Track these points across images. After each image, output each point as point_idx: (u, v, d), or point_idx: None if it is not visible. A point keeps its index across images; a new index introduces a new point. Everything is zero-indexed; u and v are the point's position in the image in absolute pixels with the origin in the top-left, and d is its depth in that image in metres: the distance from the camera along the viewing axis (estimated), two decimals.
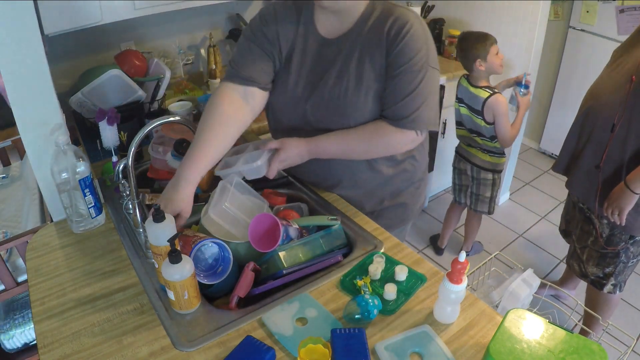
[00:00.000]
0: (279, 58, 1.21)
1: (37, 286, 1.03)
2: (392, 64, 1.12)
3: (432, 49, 1.14)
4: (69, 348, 0.88)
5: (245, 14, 2.27)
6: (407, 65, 1.10)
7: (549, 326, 0.80)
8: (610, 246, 1.70)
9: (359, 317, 0.89)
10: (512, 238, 2.77)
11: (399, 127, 1.15)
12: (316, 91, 1.19)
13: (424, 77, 1.12)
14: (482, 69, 2.05)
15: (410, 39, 1.09)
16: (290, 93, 1.22)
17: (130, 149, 1.01)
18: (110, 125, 1.36)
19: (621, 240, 1.67)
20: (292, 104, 1.23)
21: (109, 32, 1.93)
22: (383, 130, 1.16)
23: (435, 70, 1.16)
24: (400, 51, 1.10)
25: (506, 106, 2.05)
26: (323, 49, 1.19)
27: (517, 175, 3.26)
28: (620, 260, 1.72)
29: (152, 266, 1.06)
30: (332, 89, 1.17)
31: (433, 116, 1.17)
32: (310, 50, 1.20)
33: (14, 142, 2.09)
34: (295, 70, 1.21)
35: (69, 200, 1.16)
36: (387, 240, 1.14)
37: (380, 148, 1.20)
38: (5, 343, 1.43)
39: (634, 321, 2.19)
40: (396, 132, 1.16)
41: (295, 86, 1.21)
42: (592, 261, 1.79)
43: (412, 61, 1.10)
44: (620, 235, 1.66)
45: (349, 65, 1.15)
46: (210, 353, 0.86)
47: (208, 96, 1.84)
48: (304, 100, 1.21)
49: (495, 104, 2.04)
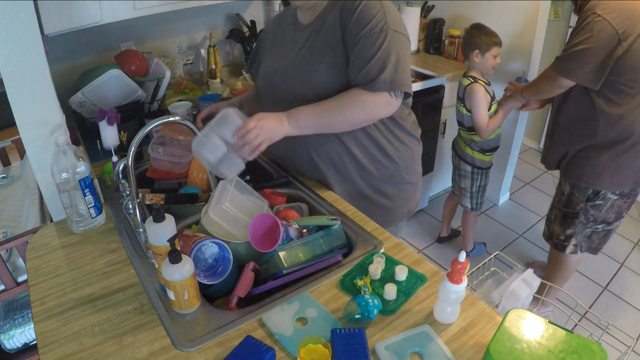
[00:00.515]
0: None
1: (37, 286, 1.03)
2: (351, 33, 1.17)
3: (392, 15, 1.18)
4: (69, 348, 0.88)
5: (245, 14, 2.27)
6: (365, 30, 1.15)
7: (549, 326, 0.80)
8: (570, 205, 1.91)
9: (359, 317, 0.89)
10: (512, 238, 2.77)
11: (371, 90, 1.17)
12: (282, 63, 1.31)
13: (385, 39, 1.15)
14: (476, 60, 2.11)
15: (364, 7, 1.16)
16: (263, 71, 1.39)
17: (130, 149, 1.01)
18: (110, 125, 1.36)
19: (580, 201, 1.87)
20: (265, 81, 1.38)
21: (109, 32, 1.93)
22: (356, 95, 1.18)
23: (399, 34, 1.18)
24: (356, 19, 1.16)
25: (482, 96, 2.10)
26: (297, 33, 1.31)
27: (517, 175, 3.26)
28: (579, 221, 1.91)
29: (152, 266, 1.06)
30: (292, 59, 1.28)
31: (404, 78, 1.19)
32: (287, 36, 1.34)
33: (14, 142, 2.09)
34: (270, 51, 1.39)
35: (69, 200, 1.16)
36: (387, 240, 1.14)
37: (358, 112, 1.20)
38: (5, 343, 1.43)
39: (634, 321, 2.19)
40: (369, 95, 1.18)
41: (269, 64, 1.37)
42: (557, 221, 2.00)
43: (370, 25, 1.15)
44: (579, 195, 1.87)
45: (309, 40, 1.26)
46: (210, 353, 0.86)
47: (208, 96, 1.84)
48: (273, 72, 1.34)
49: (471, 92, 2.10)
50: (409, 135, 1.40)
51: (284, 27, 1.37)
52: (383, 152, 1.35)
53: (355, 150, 1.32)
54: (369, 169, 1.35)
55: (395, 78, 1.17)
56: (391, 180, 1.39)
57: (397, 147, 1.37)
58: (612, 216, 1.88)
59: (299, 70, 1.27)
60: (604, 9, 1.58)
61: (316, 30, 1.25)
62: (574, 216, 1.92)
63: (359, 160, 1.33)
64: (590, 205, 1.86)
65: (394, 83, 1.17)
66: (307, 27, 1.28)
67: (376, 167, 1.36)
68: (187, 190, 1.30)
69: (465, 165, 2.34)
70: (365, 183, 1.38)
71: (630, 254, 2.64)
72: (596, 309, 2.24)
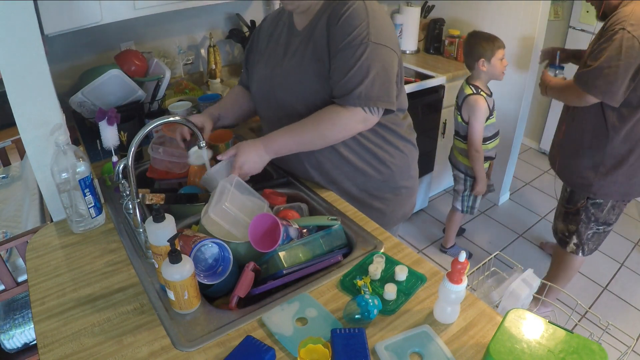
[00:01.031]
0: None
1: (37, 286, 1.03)
2: (334, 41, 1.15)
3: (378, 25, 1.13)
4: (69, 348, 0.88)
5: (245, 14, 2.27)
6: (346, 41, 1.12)
7: (549, 326, 0.80)
8: (571, 203, 1.96)
9: (359, 317, 0.89)
10: (512, 238, 2.77)
11: (345, 105, 1.15)
12: (274, 69, 1.30)
13: (364, 52, 1.12)
14: (483, 69, 2.05)
15: (349, 16, 1.12)
16: (258, 75, 1.36)
17: (130, 149, 1.01)
18: (110, 125, 1.36)
19: (580, 199, 1.91)
20: (258, 85, 1.36)
21: (109, 32, 1.93)
22: (331, 111, 1.17)
23: (382, 46, 1.14)
24: (339, 28, 1.13)
25: (483, 111, 2.06)
26: (291, 38, 1.28)
27: (517, 175, 3.26)
28: (580, 219, 1.94)
29: (152, 266, 1.06)
30: (284, 66, 1.27)
31: (382, 93, 1.15)
32: (281, 39, 1.31)
33: (14, 142, 2.09)
34: (264, 53, 1.36)
35: (69, 200, 1.16)
36: (387, 240, 1.14)
37: (332, 130, 1.18)
38: (5, 343, 1.43)
39: (634, 321, 2.19)
40: (344, 111, 1.16)
41: (262, 67, 1.35)
42: (560, 217, 2.05)
43: (351, 36, 1.12)
44: (578, 195, 1.91)
45: (299, 48, 1.24)
46: (210, 353, 0.86)
47: (208, 96, 1.84)
48: (266, 78, 1.32)
49: (474, 104, 2.06)
50: (403, 140, 1.37)
51: (280, 28, 1.34)
52: (376, 159, 1.33)
53: (348, 156, 1.30)
54: (362, 174, 1.34)
55: (370, 93, 1.13)
56: (385, 185, 1.38)
57: (391, 153, 1.35)
58: (613, 218, 1.90)
59: (289, 80, 1.25)
60: (633, 25, 1.54)
61: (307, 38, 1.23)
62: (575, 213, 1.95)
63: (351, 166, 1.32)
64: (590, 204, 1.89)
65: (368, 98, 1.14)
66: (300, 33, 1.26)
67: (369, 173, 1.34)
68: (187, 190, 1.30)
69: (458, 171, 2.35)
70: (358, 187, 1.36)
71: (630, 254, 2.64)
72: (596, 309, 2.24)
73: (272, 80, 1.30)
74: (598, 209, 1.89)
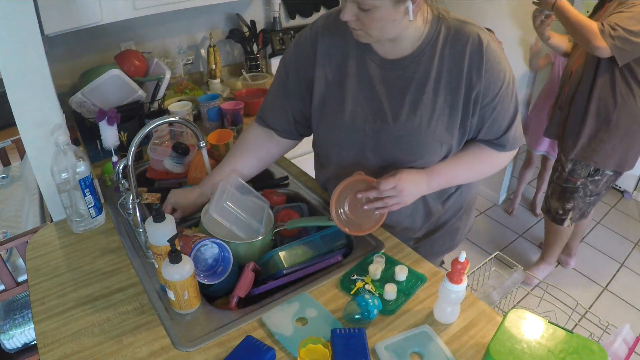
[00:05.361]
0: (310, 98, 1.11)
1: (37, 286, 1.03)
2: (483, 95, 0.98)
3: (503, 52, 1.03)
4: (69, 348, 0.88)
5: (245, 14, 2.27)
6: (500, 94, 0.99)
7: (549, 326, 0.80)
8: (571, 180, 2.02)
9: (359, 317, 0.89)
10: (512, 238, 2.77)
11: (503, 151, 1.11)
12: (386, 125, 1.02)
13: (514, 91, 1.02)
14: None
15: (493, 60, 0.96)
16: (347, 126, 1.05)
17: (130, 149, 1.01)
18: (110, 125, 1.36)
19: (581, 176, 1.99)
20: (348, 137, 1.07)
21: (109, 32, 1.93)
22: (490, 155, 1.11)
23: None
24: (488, 80, 0.97)
25: None
26: (384, 72, 1.02)
27: (517, 175, 3.25)
28: (578, 195, 2.04)
29: (152, 266, 1.06)
30: (405, 124, 1.01)
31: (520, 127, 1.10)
32: (367, 75, 1.03)
33: (14, 142, 2.09)
34: (352, 97, 1.04)
35: (69, 200, 1.16)
36: (387, 240, 1.14)
37: (486, 171, 1.15)
38: (5, 343, 1.43)
39: (634, 321, 2.19)
40: (500, 156, 1.12)
41: (354, 117, 1.04)
42: (555, 195, 2.11)
43: (503, 86, 0.99)
44: (580, 171, 1.98)
45: (422, 95, 0.99)
46: (210, 353, 0.86)
47: (208, 96, 1.84)
48: (364, 134, 1.04)
49: None
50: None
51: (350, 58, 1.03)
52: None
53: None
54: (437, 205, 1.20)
55: (519, 133, 1.09)
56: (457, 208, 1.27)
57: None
58: (603, 189, 2.04)
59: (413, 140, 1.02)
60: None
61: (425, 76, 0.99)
62: (573, 191, 2.03)
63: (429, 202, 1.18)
64: (589, 181, 1.99)
65: (520, 139, 1.10)
66: (401, 65, 1.00)
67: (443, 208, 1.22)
68: None
69: None
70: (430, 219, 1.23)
71: (630, 254, 2.64)
72: (596, 309, 2.24)
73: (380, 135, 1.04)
74: (595, 184, 1.99)
